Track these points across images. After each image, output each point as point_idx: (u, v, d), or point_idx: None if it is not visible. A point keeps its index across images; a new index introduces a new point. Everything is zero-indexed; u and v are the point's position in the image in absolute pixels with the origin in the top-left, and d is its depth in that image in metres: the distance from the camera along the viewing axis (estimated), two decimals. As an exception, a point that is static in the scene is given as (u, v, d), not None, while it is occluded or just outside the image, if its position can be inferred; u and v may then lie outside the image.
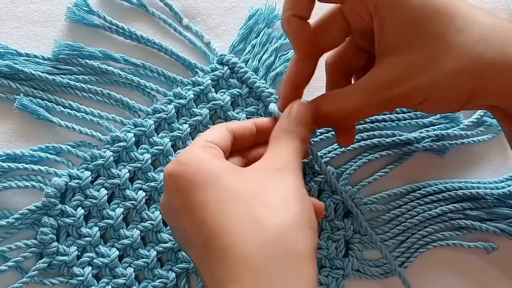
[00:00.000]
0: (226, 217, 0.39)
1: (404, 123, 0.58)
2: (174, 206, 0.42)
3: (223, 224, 0.38)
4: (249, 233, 0.38)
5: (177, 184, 0.41)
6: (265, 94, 0.56)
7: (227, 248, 0.37)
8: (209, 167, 0.41)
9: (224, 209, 0.39)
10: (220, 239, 0.38)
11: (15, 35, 0.58)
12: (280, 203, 0.39)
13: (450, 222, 0.56)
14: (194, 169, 0.41)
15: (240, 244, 0.37)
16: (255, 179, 0.41)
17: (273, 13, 0.59)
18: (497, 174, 0.59)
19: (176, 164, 0.42)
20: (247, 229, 0.38)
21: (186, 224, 0.41)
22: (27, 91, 0.55)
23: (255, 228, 0.38)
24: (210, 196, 0.40)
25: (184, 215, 0.41)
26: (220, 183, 0.40)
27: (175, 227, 0.44)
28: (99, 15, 0.57)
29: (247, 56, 0.58)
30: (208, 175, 0.41)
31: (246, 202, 0.39)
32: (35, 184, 0.54)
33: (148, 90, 0.57)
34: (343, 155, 0.57)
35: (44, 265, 0.52)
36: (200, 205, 0.40)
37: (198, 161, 0.42)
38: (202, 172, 0.41)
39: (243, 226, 0.38)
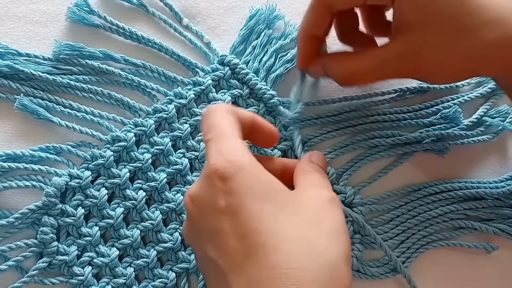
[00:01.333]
0: (282, 235, 0.38)
1: (404, 123, 0.58)
2: (216, 205, 0.40)
3: (278, 241, 0.38)
4: (305, 257, 0.37)
5: (229, 187, 0.40)
6: (266, 96, 0.56)
7: (278, 267, 0.37)
8: (268, 179, 0.41)
9: (281, 226, 0.38)
10: (272, 255, 0.37)
11: (15, 35, 0.58)
12: (334, 235, 0.40)
13: (450, 222, 0.56)
14: (251, 176, 0.40)
15: (294, 266, 0.37)
16: (310, 204, 0.41)
17: (273, 14, 0.59)
18: (497, 174, 0.59)
19: (229, 164, 0.40)
20: (303, 253, 0.38)
21: (226, 228, 0.39)
22: (27, 91, 0.55)
23: (311, 254, 0.38)
24: (268, 207, 0.39)
25: (227, 218, 0.39)
26: (279, 198, 0.40)
27: (203, 223, 0.41)
28: (100, 15, 0.57)
29: (247, 58, 0.58)
30: (267, 186, 0.40)
31: (304, 226, 0.39)
32: (35, 184, 0.54)
33: (148, 90, 0.57)
34: (343, 155, 0.57)
35: (44, 265, 0.52)
36: (255, 215, 0.39)
37: (254, 168, 0.41)
38: (261, 181, 0.40)
39: (299, 249, 0.38)
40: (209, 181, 0.41)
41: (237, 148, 0.42)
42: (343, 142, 0.57)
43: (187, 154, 0.56)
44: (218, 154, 0.41)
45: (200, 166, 0.56)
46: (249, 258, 0.38)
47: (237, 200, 0.39)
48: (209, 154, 0.42)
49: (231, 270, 0.38)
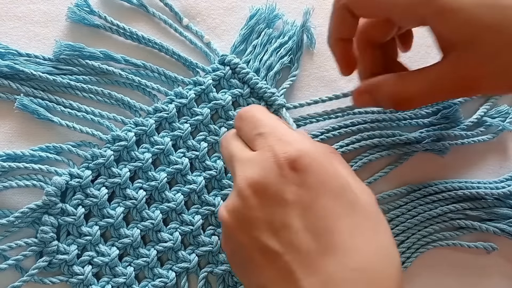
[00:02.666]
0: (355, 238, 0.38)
1: (404, 123, 0.58)
2: (286, 197, 0.38)
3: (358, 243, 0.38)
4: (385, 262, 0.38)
5: (302, 179, 0.39)
6: (267, 95, 0.56)
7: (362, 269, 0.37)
8: (335, 172, 0.40)
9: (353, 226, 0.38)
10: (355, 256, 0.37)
11: (15, 35, 0.58)
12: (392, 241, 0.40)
13: (450, 222, 0.56)
14: (323, 168, 0.40)
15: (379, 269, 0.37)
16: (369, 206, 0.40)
17: (273, 13, 0.59)
18: (497, 174, 0.59)
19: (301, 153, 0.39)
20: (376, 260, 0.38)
21: (297, 223, 0.38)
22: (27, 91, 0.55)
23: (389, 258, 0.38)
24: (340, 207, 0.38)
25: (299, 213, 0.38)
26: (347, 196, 0.39)
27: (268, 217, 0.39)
28: (100, 16, 0.57)
29: (248, 57, 0.58)
30: (337, 182, 0.40)
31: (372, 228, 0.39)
32: (36, 183, 0.54)
33: (149, 89, 0.57)
34: (343, 155, 0.57)
35: (44, 264, 0.52)
36: (329, 213, 0.38)
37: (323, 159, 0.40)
38: (331, 175, 0.40)
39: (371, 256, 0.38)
40: (280, 170, 0.39)
41: (302, 138, 0.42)
42: (343, 142, 0.57)
43: (187, 154, 0.56)
44: (284, 143, 0.40)
45: (200, 165, 0.56)
46: (325, 256, 0.37)
47: (311, 194, 0.38)
48: (271, 144, 0.41)
49: (302, 266, 0.37)
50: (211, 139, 0.56)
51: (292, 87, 0.58)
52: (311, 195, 0.38)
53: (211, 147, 0.56)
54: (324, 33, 0.58)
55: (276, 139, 0.41)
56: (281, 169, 0.39)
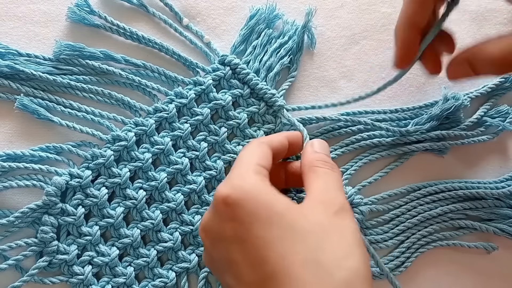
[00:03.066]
0: (289, 261, 0.38)
1: (404, 123, 0.58)
2: (225, 234, 0.40)
3: (287, 267, 0.37)
4: (316, 281, 0.37)
5: (234, 213, 0.40)
6: (267, 96, 0.56)
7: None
8: (270, 200, 0.40)
9: (287, 251, 0.38)
10: (284, 283, 0.37)
11: (15, 35, 0.58)
12: (346, 251, 0.39)
13: (450, 222, 0.56)
14: (254, 199, 0.40)
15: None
16: (317, 221, 0.40)
17: (273, 13, 0.59)
18: (497, 174, 0.59)
19: (233, 190, 0.41)
20: (314, 276, 0.37)
21: (238, 257, 0.39)
22: (27, 91, 0.55)
23: (322, 276, 0.37)
24: (272, 233, 0.39)
25: (237, 247, 0.40)
26: (283, 221, 0.39)
27: (217, 253, 0.42)
28: (100, 16, 0.57)
29: (248, 58, 0.58)
30: (269, 210, 0.40)
31: (310, 246, 0.38)
32: (36, 183, 0.54)
33: (149, 89, 0.57)
34: (343, 155, 0.57)
35: (44, 264, 0.52)
36: (261, 242, 0.38)
37: (257, 191, 0.41)
38: (263, 205, 0.40)
39: (310, 272, 0.37)
40: (215, 208, 0.41)
41: (243, 173, 0.42)
42: (343, 142, 0.57)
43: (187, 154, 0.56)
44: (227, 181, 0.42)
45: (200, 165, 0.56)
46: (263, 286, 0.38)
47: (244, 227, 0.39)
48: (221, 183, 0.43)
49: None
50: (211, 139, 0.56)
51: (292, 87, 0.59)
52: (244, 227, 0.39)
53: (211, 147, 0.56)
54: (324, 33, 0.59)
55: (227, 177, 0.43)
56: (216, 206, 0.41)
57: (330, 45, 0.59)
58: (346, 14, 0.60)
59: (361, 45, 0.59)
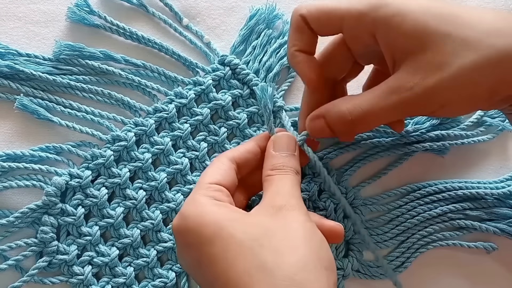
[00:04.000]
0: (235, 270, 0.38)
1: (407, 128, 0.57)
2: (187, 261, 0.42)
3: (234, 278, 0.38)
4: (259, 284, 0.37)
5: (185, 239, 0.41)
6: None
7: None
8: (212, 218, 0.41)
9: (232, 261, 0.38)
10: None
11: (15, 35, 0.58)
12: (287, 247, 0.39)
13: (450, 222, 0.56)
14: (197, 222, 0.41)
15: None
16: (260, 224, 0.40)
17: (273, 13, 0.59)
18: (497, 174, 0.59)
19: (181, 218, 0.42)
20: (257, 279, 0.37)
21: (199, 279, 0.41)
22: (27, 91, 0.55)
23: (264, 278, 0.37)
24: (217, 248, 0.39)
25: (196, 270, 0.41)
26: (224, 233, 0.39)
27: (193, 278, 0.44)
28: (100, 16, 0.57)
29: (248, 58, 0.58)
30: (211, 226, 0.40)
31: (253, 250, 0.38)
32: (36, 183, 0.54)
33: (149, 89, 0.57)
34: (343, 155, 0.57)
35: (44, 264, 0.52)
36: (209, 259, 0.39)
37: (200, 212, 0.41)
38: (206, 224, 0.40)
39: (252, 277, 0.37)
40: (176, 240, 0.43)
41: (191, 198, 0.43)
42: (343, 142, 0.57)
43: (187, 154, 0.56)
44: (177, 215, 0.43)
45: (200, 165, 0.56)
46: None
47: (195, 250, 0.40)
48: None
49: None
50: (211, 139, 0.56)
51: (292, 88, 0.59)
52: (196, 250, 0.40)
53: (211, 147, 0.56)
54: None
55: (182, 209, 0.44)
56: (176, 239, 0.43)
57: (330, 45, 0.59)
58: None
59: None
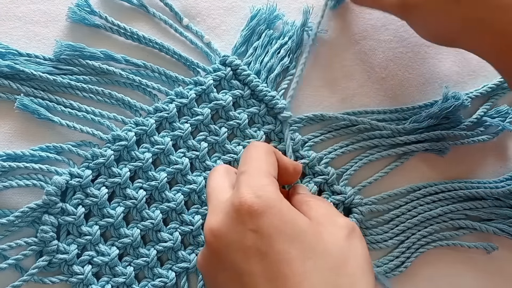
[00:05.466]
0: (311, 281, 0.38)
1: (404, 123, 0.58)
2: (244, 244, 0.39)
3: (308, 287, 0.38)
4: None
5: (257, 224, 0.39)
6: (267, 98, 0.56)
7: None
8: (293, 216, 0.40)
9: (310, 270, 0.38)
10: None
11: (15, 35, 0.58)
12: (360, 274, 0.40)
13: (450, 222, 0.56)
14: (279, 214, 0.40)
15: None
16: (334, 242, 0.40)
17: (274, 14, 0.58)
18: (497, 174, 0.59)
19: (258, 199, 0.40)
20: None
21: (255, 269, 0.39)
22: (28, 91, 0.55)
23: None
24: (295, 251, 0.39)
25: (256, 259, 0.39)
26: (306, 239, 0.39)
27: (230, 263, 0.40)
28: (101, 16, 0.57)
29: (249, 59, 0.58)
30: (294, 225, 0.40)
31: (329, 269, 0.39)
32: (36, 183, 0.54)
33: (149, 89, 0.57)
34: (344, 155, 0.57)
35: (44, 263, 0.52)
36: (283, 257, 0.38)
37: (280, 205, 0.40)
38: (288, 220, 0.40)
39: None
40: (237, 215, 0.40)
41: (267, 185, 0.42)
42: (343, 142, 0.57)
43: (187, 154, 0.56)
44: (248, 187, 0.41)
45: (200, 165, 0.56)
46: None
47: (266, 241, 0.39)
48: (239, 186, 0.42)
49: None
50: (212, 139, 0.56)
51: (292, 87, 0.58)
52: (267, 241, 0.39)
53: (211, 147, 0.56)
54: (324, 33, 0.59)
55: (245, 183, 0.42)
56: (240, 215, 0.40)
57: (330, 45, 0.59)
58: (346, 14, 0.60)
59: (361, 45, 0.59)
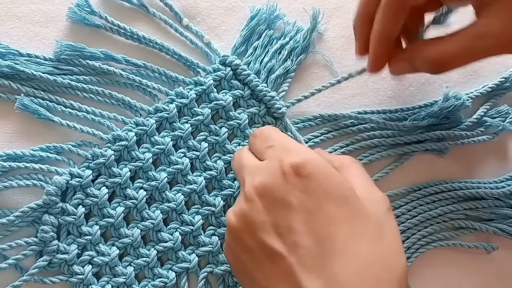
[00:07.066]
0: (357, 244, 0.39)
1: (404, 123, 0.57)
2: (290, 202, 0.40)
3: (352, 249, 0.38)
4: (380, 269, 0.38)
5: (306, 185, 0.40)
6: (267, 98, 0.56)
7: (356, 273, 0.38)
8: (340, 181, 0.41)
9: (355, 233, 0.39)
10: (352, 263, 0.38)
11: (15, 35, 0.58)
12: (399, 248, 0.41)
13: (450, 222, 0.57)
14: (327, 176, 0.41)
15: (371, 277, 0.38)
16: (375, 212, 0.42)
17: (274, 14, 0.59)
18: (497, 174, 0.59)
19: (306, 161, 0.41)
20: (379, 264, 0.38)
21: (299, 226, 0.39)
22: (28, 92, 0.55)
23: (385, 268, 0.39)
24: (343, 212, 0.40)
25: (302, 217, 0.40)
26: (351, 203, 0.40)
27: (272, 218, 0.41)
28: (101, 16, 0.57)
29: (249, 59, 0.58)
30: (341, 189, 0.41)
31: (373, 237, 0.40)
32: (36, 183, 0.54)
33: (149, 90, 0.57)
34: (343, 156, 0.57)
35: (44, 263, 0.52)
36: (331, 218, 0.39)
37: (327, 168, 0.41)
38: (336, 183, 0.41)
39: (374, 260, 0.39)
40: (283, 175, 0.41)
41: (308, 149, 0.43)
42: (343, 142, 0.57)
43: (188, 154, 0.56)
44: (290, 152, 0.42)
45: (200, 165, 0.56)
46: (327, 260, 0.38)
47: (314, 200, 0.40)
48: (278, 154, 0.43)
49: (305, 269, 0.39)
50: (212, 139, 0.56)
51: (293, 87, 0.58)
52: (314, 201, 0.40)
53: (211, 147, 0.56)
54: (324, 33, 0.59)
55: (284, 150, 0.43)
56: (286, 175, 0.41)
57: (330, 45, 0.59)
58: (346, 14, 0.60)
59: (361, 45, 0.59)
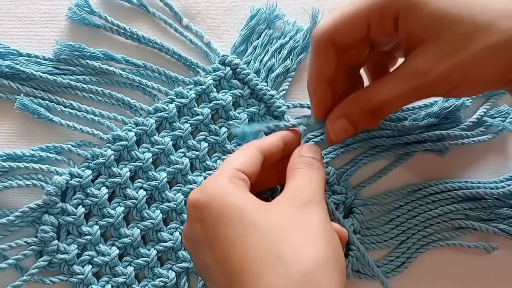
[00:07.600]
0: (250, 257, 0.38)
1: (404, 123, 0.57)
2: (196, 237, 0.41)
3: (248, 264, 0.38)
4: (273, 275, 0.37)
5: (201, 215, 0.41)
6: (267, 97, 0.56)
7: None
8: (235, 201, 0.41)
9: (249, 247, 0.38)
10: (245, 281, 0.38)
11: (15, 35, 0.58)
12: (306, 242, 0.39)
13: (450, 222, 0.56)
14: (219, 201, 0.41)
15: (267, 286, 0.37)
16: (281, 215, 0.41)
17: (273, 13, 0.59)
18: (497, 174, 0.59)
19: (201, 193, 0.42)
20: (272, 270, 0.37)
21: (207, 258, 0.40)
22: (27, 91, 0.55)
23: (279, 270, 0.37)
24: (234, 231, 0.39)
25: (206, 248, 0.40)
26: (245, 218, 0.40)
27: (195, 258, 0.43)
28: (100, 16, 0.57)
29: (248, 58, 0.58)
30: (233, 209, 0.40)
31: (271, 241, 0.39)
32: (36, 183, 0.54)
33: (149, 89, 0.57)
34: (344, 155, 0.57)
35: (44, 263, 0.52)
36: (224, 241, 0.39)
37: (223, 193, 0.41)
38: (228, 205, 0.40)
39: (268, 267, 0.37)
40: (188, 213, 0.43)
41: (216, 177, 0.43)
42: (343, 142, 0.57)
43: (187, 154, 0.56)
44: (200, 187, 0.43)
45: (200, 165, 0.56)
46: (230, 285, 0.39)
47: (210, 227, 0.40)
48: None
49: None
50: (212, 139, 0.56)
51: (293, 87, 0.59)
52: (211, 228, 0.40)
53: (211, 147, 0.56)
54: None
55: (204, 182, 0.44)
56: (189, 212, 0.42)
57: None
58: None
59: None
